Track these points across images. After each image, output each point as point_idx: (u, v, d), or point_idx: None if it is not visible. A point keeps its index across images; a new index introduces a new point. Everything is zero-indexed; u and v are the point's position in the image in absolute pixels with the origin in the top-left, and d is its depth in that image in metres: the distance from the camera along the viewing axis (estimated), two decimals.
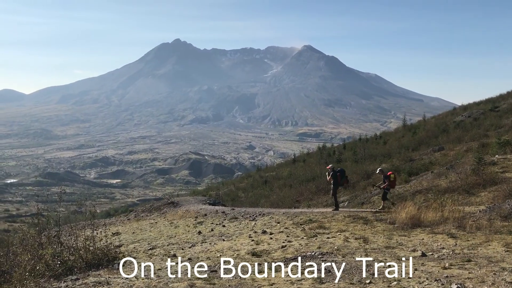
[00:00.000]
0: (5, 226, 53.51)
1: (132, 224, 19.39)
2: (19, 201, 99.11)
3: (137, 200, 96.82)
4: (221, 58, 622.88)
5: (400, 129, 50.73)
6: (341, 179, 16.24)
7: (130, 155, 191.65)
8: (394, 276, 7.00)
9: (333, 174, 16.06)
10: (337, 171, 16.23)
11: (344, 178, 16.37)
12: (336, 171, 16.20)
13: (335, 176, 16.05)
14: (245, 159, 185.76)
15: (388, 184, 15.84)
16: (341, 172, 16.30)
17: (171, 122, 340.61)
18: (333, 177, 16.03)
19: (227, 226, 14.33)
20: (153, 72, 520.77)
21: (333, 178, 16.04)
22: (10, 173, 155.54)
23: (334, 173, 16.08)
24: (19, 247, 10.00)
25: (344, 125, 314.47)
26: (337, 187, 16.40)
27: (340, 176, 16.17)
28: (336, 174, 16.07)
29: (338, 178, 16.13)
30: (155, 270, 8.82)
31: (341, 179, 16.25)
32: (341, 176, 16.22)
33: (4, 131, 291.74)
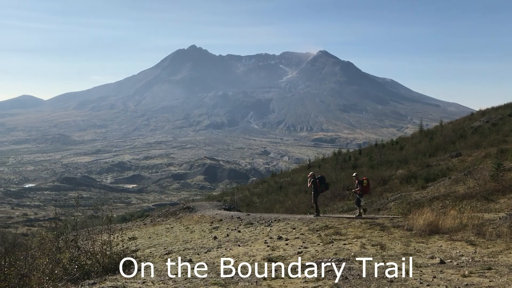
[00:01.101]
0: (23, 230, 54.27)
1: (148, 229, 19.49)
2: (37, 205, 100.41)
3: (153, 205, 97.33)
4: (236, 64, 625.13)
5: (416, 135, 50.17)
6: (320, 186, 16.67)
7: (146, 160, 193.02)
8: (412, 284, 6.91)
9: (313, 181, 16.55)
10: (317, 178, 16.67)
11: (323, 185, 16.79)
12: (315, 178, 16.64)
13: (315, 183, 16.53)
14: (260, 165, 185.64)
15: (360, 189, 16.13)
16: (321, 179, 16.74)
17: (186, 127, 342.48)
18: (313, 183, 16.52)
19: (242, 232, 14.31)
20: (169, 78, 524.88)
21: (313, 184, 16.54)
22: (29, 177, 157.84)
23: (313, 180, 16.56)
24: (37, 251, 10.13)
25: (360, 130, 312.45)
26: (317, 193, 16.80)
27: (320, 183, 16.62)
28: (315, 181, 16.54)
29: (318, 185, 16.59)
30: (171, 274, 8.84)
31: (320, 186, 16.69)
32: (321, 183, 16.67)
33: (23, 136, 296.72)
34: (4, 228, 50.48)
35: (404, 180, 26.47)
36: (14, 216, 75.38)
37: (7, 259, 9.15)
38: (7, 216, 75.64)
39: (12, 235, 30.49)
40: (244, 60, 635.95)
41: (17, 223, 66.27)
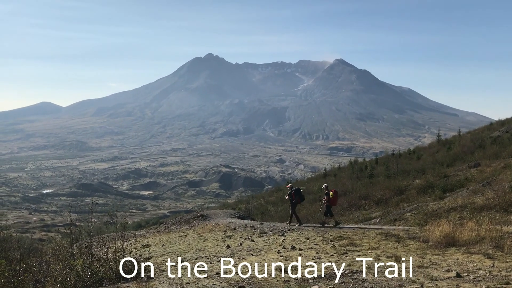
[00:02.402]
0: (40, 235, 54.93)
1: (162, 236, 19.52)
2: (54, 211, 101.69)
3: (168, 212, 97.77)
4: (252, 72, 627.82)
5: (434, 144, 49.62)
6: (295, 197, 17.68)
7: (162, 167, 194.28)
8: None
9: (289, 193, 17.73)
10: (292, 190, 17.77)
11: (297, 196, 17.71)
12: (292, 190, 17.76)
13: (291, 194, 17.68)
14: (275, 173, 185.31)
15: (327, 200, 17.23)
16: (296, 191, 17.75)
17: (202, 135, 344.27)
18: (289, 195, 17.70)
19: (256, 241, 14.23)
20: (185, 86, 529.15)
21: (289, 196, 17.70)
22: (46, 183, 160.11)
23: (290, 192, 17.74)
24: (52, 257, 10.20)
25: (377, 139, 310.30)
26: (293, 204, 17.71)
27: (295, 194, 17.67)
28: (291, 193, 17.68)
29: (293, 196, 17.66)
30: (183, 284, 8.82)
31: (295, 197, 17.68)
32: (296, 195, 17.69)
33: (42, 143, 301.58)
34: (22, 233, 51.21)
35: (421, 190, 26.14)
36: (32, 222, 76.43)
37: (22, 264, 9.24)
38: (25, 221, 76.72)
39: (29, 241, 30.89)
40: (260, 68, 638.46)
41: (34, 228, 67.15)
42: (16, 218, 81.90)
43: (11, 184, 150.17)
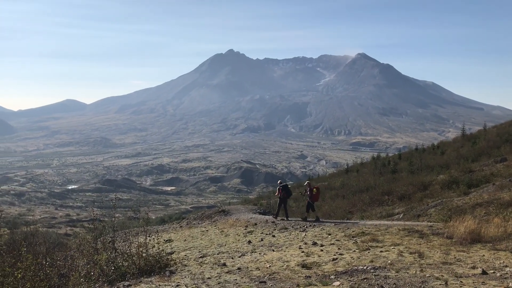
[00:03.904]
0: (66, 230, 56.04)
1: (184, 231, 19.69)
2: (79, 206, 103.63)
3: (190, 207, 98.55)
4: (273, 67, 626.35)
5: (459, 139, 48.69)
6: (282, 193, 19.02)
7: (184, 163, 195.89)
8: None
9: (277, 188, 19.32)
10: (280, 186, 19.18)
11: (284, 191, 19.02)
12: (279, 186, 19.21)
13: (278, 190, 19.22)
14: (297, 168, 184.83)
15: (309, 196, 18.34)
16: (283, 187, 19.10)
17: (223, 131, 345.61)
18: (278, 191, 19.17)
19: (277, 237, 14.22)
20: (207, 83, 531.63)
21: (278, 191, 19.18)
22: (72, 179, 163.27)
23: (278, 188, 19.26)
24: (76, 252, 10.39)
25: (400, 134, 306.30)
26: (282, 200, 19.08)
27: (282, 190, 19.01)
28: (278, 189, 19.19)
29: (280, 192, 19.05)
30: (205, 278, 8.87)
31: (282, 192, 19.00)
32: (283, 190, 19.01)
33: (67, 139, 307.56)
34: (48, 228, 52.33)
35: (445, 185, 25.67)
36: (58, 217, 78.03)
37: (48, 259, 9.43)
38: (51, 216, 78.40)
39: (55, 235, 31.53)
40: (281, 64, 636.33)
41: (60, 223, 68.55)
42: (43, 213, 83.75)
43: (38, 180, 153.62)
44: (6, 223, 48.50)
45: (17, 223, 49.26)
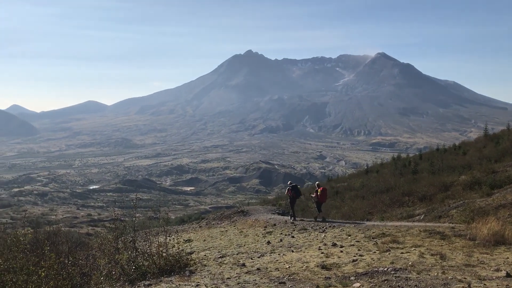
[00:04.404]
0: (87, 230, 56.88)
1: (203, 231, 19.79)
2: (100, 206, 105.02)
3: (210, 208, 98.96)
4: (291, 67, 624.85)
5: (481, 139, 47.74)
6: (291, 193, 19.55)
7: (203, 163, 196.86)
8: None
9: (287, 189, 19.83)
10: (290, 187, 19.73)
11: (293, 191, 19.52)
12: (289, 187, 19.76)
13: (287, 190, 19.80)
14: (315, 169, 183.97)
15: (315, 196, 18.84)
16: (293, 187, 19.65)
17: (242, 131, 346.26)
18: (288, 191, 19.72)
19: (296, 237, 14.18)
20: (225, 83, 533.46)
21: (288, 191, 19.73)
22: (93, 179, 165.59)
23: (288, 189, 19.76)
24: (98, 251, 10.53)
25: (420, 134, 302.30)
26: (291, 200, 19.62)
27: (291, 190, 19.55)
28: (288, 189, 19.74)
29: (289, 192, 19.60)
30: (224, 279, 8.90)
31: (292, 191, 19.52)
32: (292, 190, 19.53)
33: (88, 140, 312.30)
34: (70, 227, 53.22)
35: (467, 186, 25.22)
36: (79, 216, 79.21)
37: (70, 258, 9.58)
38: (72, 216, 79.65)
39: (77, 235, 32.03)
40: (300, 64, 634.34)
41: (81, 223, 69.60)
42: (65, 213, 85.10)
43: (60, 181, 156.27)
44: (29, 223, 49.51)
45: (40, 223, 50.20)
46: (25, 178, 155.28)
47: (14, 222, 55.59)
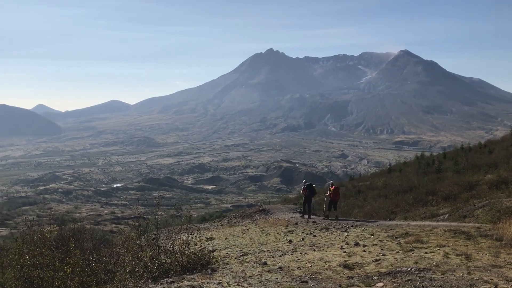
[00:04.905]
0: (111, 227, 57.74)
1: (225, 229, 19.87)
2: (123, 204, 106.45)
3: (231, 206, 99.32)
4: (313, 66, 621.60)
5: (508, 137, 46.65)
6: (306, 191, 20.00)
7: (224, 162, 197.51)
8: None
9: (302, 187, 20.34)
10: (305, 185, 20.24)
11: (308, 190, 20.01)
12: (304, 185, 20.26)
13: (302, 189, 20.26)
14: (337, 168, 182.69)
15: (328, 195, 19.47)
16: (307, 186, 20.16)
17: (263, 130, 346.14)
18: (303, 190, 20.19)
19: (318, 236, 14.12)
20: (247, 82, 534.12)
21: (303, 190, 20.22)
22: (116, 178, 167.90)
23: (303, 187, 20.25)
24: (121, 248, 10.68)
25: (445, 133, 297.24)
26: (306, 198, 20.03)
27: (306, 189, 20.03)
28: (303, 188, 20.24)
29: (304, 190, 20.08)
30: (246, 277, 8.91)
31: (307, 190, 20.00)
32: (307, 189, 20.03)
33: (112, 139, 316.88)
34: (94, 225, 54.07)
35: (493, 185, 24.70)
36: (103, 214, 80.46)
37: (95, 255, 9.74)
38: (96, 213, 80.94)
39: (101, 232, 32.54)
40: (322, 62, 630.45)
41: (105, 220, 70.68)
42: (89, 210, 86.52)
43: (84, 179, 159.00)
44: (55, 220, 50.50)
45: (65, 220, 51.13)
46: (51, 176, 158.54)
47: (40, 220, 56.72)
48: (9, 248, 10.97)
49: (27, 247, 8.78)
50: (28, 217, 60.89)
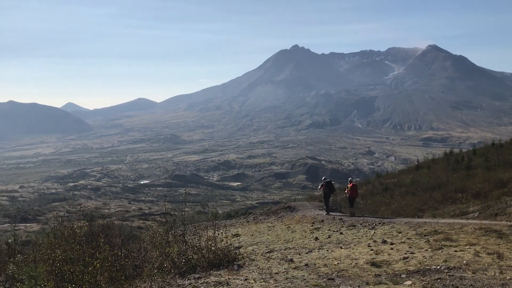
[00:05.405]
0: (138, 223, 58.61)
1: (250, 226, 19.91)
2: (150, 200, 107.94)
3: (256, 203, 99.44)
4: (339, 61, 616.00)
5: None
6: (325, 188, 20.28)
7: (249, 159, 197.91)
8: None
9: (321, 184, 20.52)
10: (324, 182, 20.45)
11: (327, 187, 20.31)
12: (323, 182, 20.46)
13: (321, 185, 20.51)
14: (364, 165, 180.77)
15: (347, 192, 19.83)
16: (327, 183, 20.40)
17: (288, 127, 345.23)
18: (322, 186, 20.48)
19: (344, 234, 14.00)
20: (271, 79, 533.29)
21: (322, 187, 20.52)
22: (144, 174, 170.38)
23: (322, 184, 20.46)
24: (149, 244, 10.83)
25: (474, 129, 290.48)
26: (325, 195, 20.50)
27: (325, 186, 20.28)
28: (322, 184, 20.43)
29: (323, 187, 20.31)
30: (272, 273, 8.92)
31: (326, 187, 20.27)
32: (326, 186, 20.28)
33: (139, 137, 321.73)
34: (122, 221, 54.99)
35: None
36: (131, 210, 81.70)
37: (123, 250, 9.90)
38: (124, 210, 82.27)
39: (129, 228, 33.08)
40: (347, 58, 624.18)
41: (133, 216, 71.76)
42: (117, 207, 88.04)
43: (113, 176, 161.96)
44: (84, 216, 51.59)
45: (94, 216, 52.18)
46: (80, 173, 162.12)
47: (70, 215, 58.05)
48: (41, 243, 11.25)
49: (58, 242, 8.98)
50: (58, 213, 62.46)
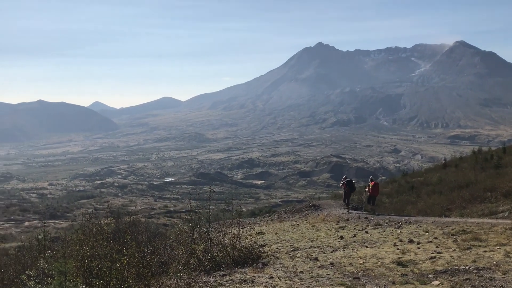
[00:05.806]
0: (164, 221, 59.30)
1: (275, 224, 19.92)
2: (176, 198, 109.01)
3: (280, 201, 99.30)
4: (364, 59, 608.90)
5: None
6: (346, 187, 20.69)
7: (273, 157, 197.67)
8: None
9: (342, 183, 21.07)
10: (345, 182, 20.88)
11: (348, 186, 20.68)
12: (344, 181, 20.92)
13: (343, 184, 20.97)
14: (389, 163, 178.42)
15: (368, 190, 20.31)
16: (347, 182, 20.80)
17: (312, 125, 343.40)
18: (343, 185, 20.99)
19: (370, 233, 13.87)
20: (295, 77, 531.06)
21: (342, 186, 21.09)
22: (169, 172, 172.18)
23: (343, 183, 20.96)
24: (175, 241, 10.96)
25: (504, 126, 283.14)
26: (346, 194, 20.83)
27: (346, 185, 20.68)
28: (343, 183, 20.93)
29: (344, 186, 20.77)
30: (297, 272, 8.91)
31: (347, 186, 20.65)
32: (347, 185, 20.67)
33: (164, 135, 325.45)
34: (148, 218, 55.72)
35: None
36: (156, 208, 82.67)
37: (149, 247, 10.05)
38: (150, 207, 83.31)
39: (155, 225, 33.51)
40: (373, 55, 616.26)
41: (158, 214, 72.63)
42: (143, 204, 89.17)
43: (139, 173, 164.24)
44: (111, 213, 52.50)
45: (121, 213, 53.02)
46: (107, 171, 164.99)
47: (97, 213, 59.20)
48: (70, 239, 11.52)
49: (86, 238, 9.18)
50: (86, 210, 63.75)
